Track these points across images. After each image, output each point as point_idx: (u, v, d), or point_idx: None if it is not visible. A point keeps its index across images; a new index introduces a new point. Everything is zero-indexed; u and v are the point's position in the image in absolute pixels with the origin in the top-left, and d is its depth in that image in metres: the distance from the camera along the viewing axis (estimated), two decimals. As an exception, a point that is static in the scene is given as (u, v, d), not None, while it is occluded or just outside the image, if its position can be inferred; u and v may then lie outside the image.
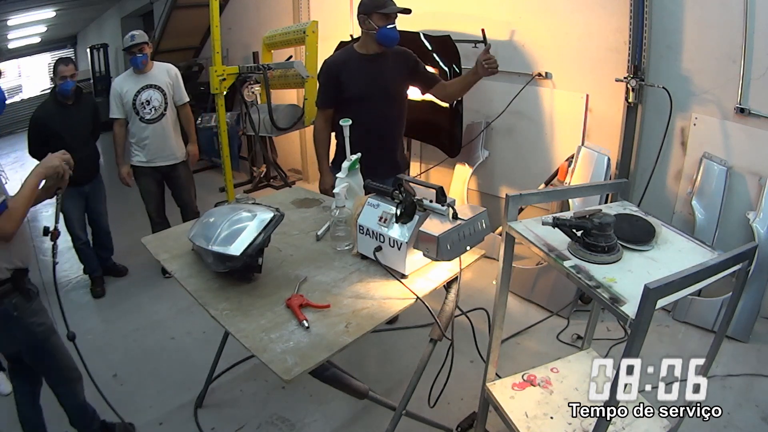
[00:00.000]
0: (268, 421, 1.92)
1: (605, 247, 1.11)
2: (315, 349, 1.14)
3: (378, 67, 2.14)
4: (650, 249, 1.16)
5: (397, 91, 2.20)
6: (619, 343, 2.22)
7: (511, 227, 1.28)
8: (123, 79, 2.85)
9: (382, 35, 2.05)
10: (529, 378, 1.50)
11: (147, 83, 2.80)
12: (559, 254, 1.16)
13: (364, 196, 1.55)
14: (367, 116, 2.09)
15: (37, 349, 1.63)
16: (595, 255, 1.11)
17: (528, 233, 1.25)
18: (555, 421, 1.34)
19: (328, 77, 2.19)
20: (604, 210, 1.24)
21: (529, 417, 1.36)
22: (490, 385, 1.48)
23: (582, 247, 1.13)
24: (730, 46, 2.26)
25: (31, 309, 1.57)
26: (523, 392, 1.46)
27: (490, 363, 1.47)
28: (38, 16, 6.59)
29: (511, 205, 1.30)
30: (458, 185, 3.27)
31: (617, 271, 1.08)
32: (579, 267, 1.11)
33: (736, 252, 1.01)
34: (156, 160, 2.89)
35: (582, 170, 2.58)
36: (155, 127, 2.83)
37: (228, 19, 4.96)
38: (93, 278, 2.97)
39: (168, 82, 2.86)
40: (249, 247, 1.33)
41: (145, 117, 2.80)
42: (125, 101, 2.78)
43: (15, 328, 1.55)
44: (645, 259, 1.13)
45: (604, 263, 1.11)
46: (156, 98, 2.82)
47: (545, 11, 2.82)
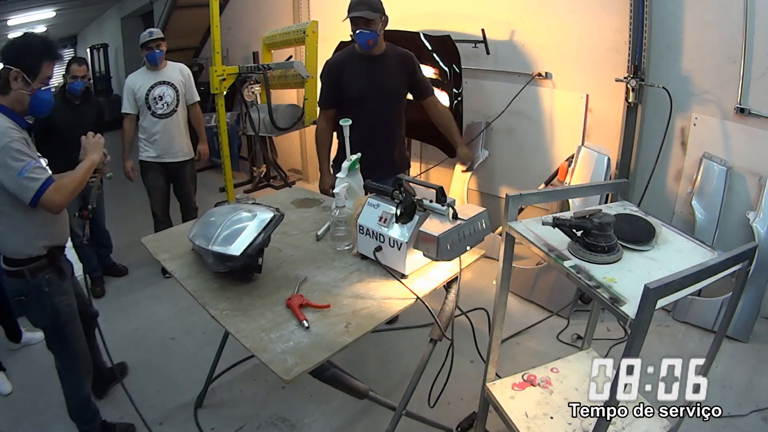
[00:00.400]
0: (268, 421, 1.92)
1: (605, 247, 1.11)
2: (315, 349, 1.14)
3: (378, 67, 2.15)
4: (650, 249, 1.16)
5: (397, 92, 2.20)
6: (619, 343, 2.22)
7: (511, 227, 1.28)
8: (137, 75, 2.93)
9: (354, 39, 2.10)
10: (529, 378, 1.50)
11: (160, 79, 2.89)
12: (559, 254, 1.16)
13: (364, 196, 1.55)
14: (366, 116, 2.09)
15: (59, 330, 1.68)
16: (595, 255, 1.11)
17: (528, 233, 1.25)
18: (555, 421, 1.34)
19: (329, 78, 2.20)
20: (604, 210, 1.24)
21: (529, 417, 1.36)
22: (490, 385, 1.48)
23: (582, 247, 1.13)
24: (730, 46, 2.26)
25: (62, 288, 1.64)
26: (523, 392, 1.46)
27: (490, 363, 1.47)
28: (38, 16, 6.58)
29: (511, 205, 1.30)
30: (458, 185, 3.27)
31: (617, 271, 1.08)
32: (579, 267, 1.11)
33: (736, 252, 1.01)
34: (164, 156, 2.94)
35: (582, 170, 2.58)
36: (166, 122, 2.90)
37: (228, 19, 4.96)
38: (93, 278, 2.97)
39: (180, 80, 2.94)
40: (249, 247, 1.33)
41: (157, 112, 2.88)
42: (138, 96, 2.86)
43: (45, 303, 1.61)
44: (645, 259, 1.13)
45: (604, 263, 1.11)
46: (169, 94, 2.90)
47: (545, 11, 2.82)
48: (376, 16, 2.04)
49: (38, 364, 2.32)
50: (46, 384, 2.18)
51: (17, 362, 2.35)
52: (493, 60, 3.06)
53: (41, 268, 1.58)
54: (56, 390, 2.13)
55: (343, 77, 2.16)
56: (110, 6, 7.55)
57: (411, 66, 2.22)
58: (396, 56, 2.19)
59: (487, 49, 2.98)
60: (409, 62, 2.21)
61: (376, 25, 2.06)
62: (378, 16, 2.05)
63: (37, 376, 2.23)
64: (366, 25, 2.04)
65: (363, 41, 2.08)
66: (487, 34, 2.96)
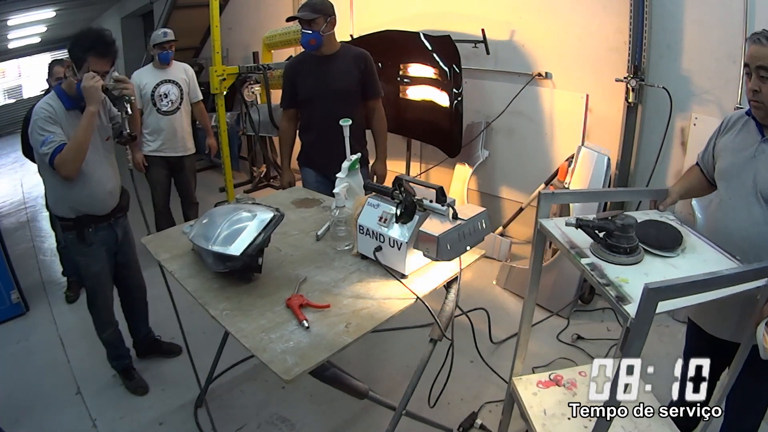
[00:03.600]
0: (268, 421, 1.92)
1: (626, 248, 1.11)
2: (315, 349, 1.14)
3: (328, 67, 2.23)
4: (675, 256, 1.15)
5: (347, 91, 2.25)
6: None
7: (543, 224, 1.30)
8: (143, 72, 3.01)
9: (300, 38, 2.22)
10: (555, 378, 1.50)
11: (166, 78, 2.97)
12: (579, 251, 1.17)
13: (364, 196, 1.55)
14: (318, 115, 2.24)
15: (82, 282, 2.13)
16: (614, 256, 1.12)
17: (556, 231, 1.27)
18: (572, 423, 1.33)
19: (285, 79, 2.34)
20: (641, 216, 1.25)
21: (547, 415, 1.36)
22: (516, 379, 1.50)
23: (603, 248, 1.14)
24: (730, 46, 2.26)
25: (82, 250, 1.90)
26: (546, 390, 1.46)
27: (518, 357, 1.50)
28: (38, 16, 6.57)
29: (543, 202, 1.32)
30: (458, 185, 3.27)
31: (632, 273, 1.08)
32: (594, 265, 1.12)
33: (758, 266, 0.97)
34: (167, 150, 3.03)
35: (582, 170, 2.58)
36: (170, 119, 2.99)
37: (228, 19, 4.97)
38: (69, 282, 2.92)
39: (185, 80, 3.04)
40: (249, 247, 1.33)
41: (162, 108, 2.97)
42: (143, 92, 2.93)
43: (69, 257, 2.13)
44: (666, 265, 1.13)
45: (621, 264, 1.11)
46: (173, 92, 2.99)
47: (545, 11, 2.82)
48: (316, 17, 2.13)
49: (38, 364, 2.32)
50: (46, 383, 2.18)
51: (17, 362, 2.36)
52: (493, 60, 3.06)
53: (67, 228, 1.87)
54: (56, 390, 2.14)
55: (297, 78, 2.27)
56: (110, 6, 7.55)
57: (364, 65, 2.27)
58: (350, 56, 2.26)
59: (487, 49, 2.99)
60: (363, 62, 2.27)
61: (318, 25, 2.14)
62: (319, 17, 2.13)
63: (38, 376, 2.23)
64: (308, 25, 2.14)
65: (304, 41, 2.19)
66: (487, 34, 2.96)
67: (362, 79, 2.27)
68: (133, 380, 2.11)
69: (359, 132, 2.32)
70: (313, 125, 2.31)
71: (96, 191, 1.85)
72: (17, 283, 2.70)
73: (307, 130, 2.36)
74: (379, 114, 2.39)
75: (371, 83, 2.31)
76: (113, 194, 1.93)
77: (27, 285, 2.84)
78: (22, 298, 2.74)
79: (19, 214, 4.38)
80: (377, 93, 2.35)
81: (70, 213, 1.84)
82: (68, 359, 2.33)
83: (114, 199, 1.94)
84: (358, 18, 3.74)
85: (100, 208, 1.89)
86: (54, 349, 2.41)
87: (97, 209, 1.88)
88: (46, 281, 3.10)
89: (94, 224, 1.88)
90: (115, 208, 1.95)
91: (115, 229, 1.97)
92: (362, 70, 2.26)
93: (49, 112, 1.69)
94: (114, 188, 1.93)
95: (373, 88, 2.33)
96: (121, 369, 2.13)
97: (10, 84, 10.86)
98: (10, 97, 10.80)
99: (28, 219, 4.27)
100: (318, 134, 2.27)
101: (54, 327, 2.61)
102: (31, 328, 2.62)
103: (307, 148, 2.39)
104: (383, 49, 3.09)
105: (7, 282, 2.66)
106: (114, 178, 1.94)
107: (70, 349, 2.40)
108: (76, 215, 1.85)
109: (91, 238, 1.89)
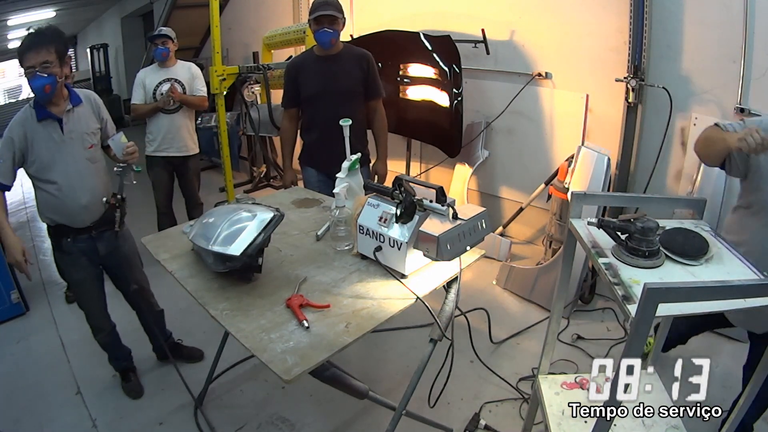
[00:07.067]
0: (268, 421, 1.92)
1: (645, 252, 1.12)
2: (315, 349, 1.14)
3: (331, 67, 2.24)
4: (697, 265, 1.14)
5: (350, 91, 2.27)
6: (619, 343, 2.22)
7: (573, 224, 1.31)
8: (147, 70, 3.02)
9: (316, 38, 2.20)
10: (580, 381, 1.50)
11: (169, 77, 2.95)
12: (599, 251, 1.18)
13: (364, 196, 1.55)
14: (321, 115, 2.24)
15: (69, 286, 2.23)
16: (633, 258, 1.13)
17: (583, 231, 1.28)
18: (588, 426, 1.33)
19: (288, 79, 2.33)
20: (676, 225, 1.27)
21: (564, 415, 1.36)
22: (541, 377, 1.51)
23: (623, 250, 1.15)
24: (730, 46, 2.26)
25: (61, 257, 1.91)
26: (569, 392, 1.46)
27: (545, 356, 1.50)
28: (38, 16, 6.57)
29: (575, 203, 1.33)
30: (458, 185, 3.27)
31: (647, 276, 1.08)
32: (610, 264, 1.12)
33: None
34: (169, 150, 3.00)
35: (582, 170, 2.57)
36: (172, 117, 2.96)
37: (228, 19, 4.97)
38: None
39: (188, 79, 3.01)
40: (249, 247, 1.32)
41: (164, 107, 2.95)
42: (146, 91, 2.93)
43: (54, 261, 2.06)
44: (684, 273, 1.12)
45: (639, 267, 1.11)
46: None
47: (545, 11, 2.82)
48: (340, 16, 2.15)
49: (38, 364, 2.32)
50: (46, 383, 2.18)
51: (17, 363, 2.36)
52: (493, 60, 3.06)
53: (48, 234, 1.88)
54: (56, 390, 2.14)
55: (300, 77, 2.27)
56: (110, 6, 7.56)
57: (366, 65, 2.29)
58: (352, 56, 2.27)
59: (487, 49, 2.99)
60: (365, 62, 2.28)
61: (339, 25, 2.16)
62: (341, 17, 2.16)
63: (38, 376, 2.23)
64: (330, 24, 2.14)
65: (326, 39, 2.17)
66: (487, 34, 2.96)
67: (365, 79, 2.28)
68: (129, 383, 2.10)
69: (361, 132, 2.32)
70: (316, 124, 2.31)
71: (69, 205, 1.77)
72: (17, 283, 2.70)
73: (309, 130, 2.36)
74: (380, 114, 2.40)
75: (373, 83, 2.32)
76: (89, 209, 1.81)
77: (27, 285, 2.84)
78: (22, 298, 2.74)
79: (19, 214, 4.37)
80: (379, 93, 2.37)
81: (47, 221, 1.82)
82: (68, 359, 2.33)
83: (90, 214, 1.82)
84: (358, 18, 3.74)
85: (74, 222, 1.81)
86: (54, 349, 2.41)
87: (71, 222, 1.81)
88: (46, 281, 3.10)
89: (72, 235, 1.83)
90: (97, 221, 1.84)
91: (96, 242, 1.87)
92: (365, 70, 2.27)
93: (12, 134, 1.69)
94: (91, 202, 1.80)
95: (375, 88, 2.34)
96: (120, 371, 2.13)
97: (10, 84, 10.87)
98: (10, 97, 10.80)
99: (28, 219, 4.26)
100: (321, 133, 2.28)
101: (54, 327, 2.61)
102: (31, 328, 2.62)
103: (309, 148, 2.39)
104: (383, 49, 3.09)
105: (7, 282, 2.66)
106: (94, 190, 1.81)
107: (70, 349, 2.40)
108: (54, 224, 1.82)
109: (69, 247, 1.84)
